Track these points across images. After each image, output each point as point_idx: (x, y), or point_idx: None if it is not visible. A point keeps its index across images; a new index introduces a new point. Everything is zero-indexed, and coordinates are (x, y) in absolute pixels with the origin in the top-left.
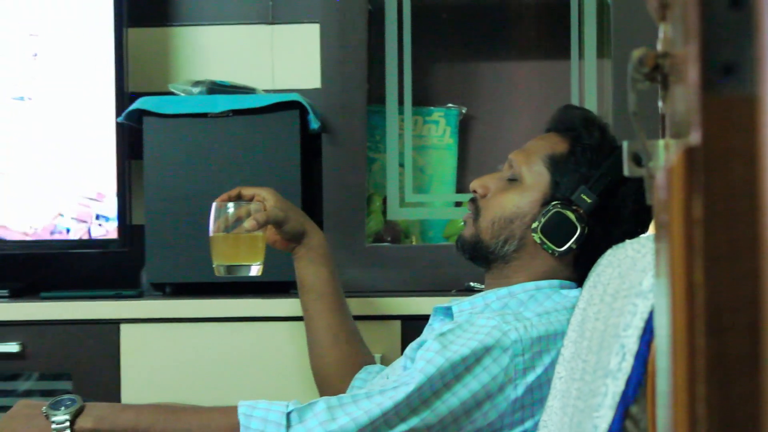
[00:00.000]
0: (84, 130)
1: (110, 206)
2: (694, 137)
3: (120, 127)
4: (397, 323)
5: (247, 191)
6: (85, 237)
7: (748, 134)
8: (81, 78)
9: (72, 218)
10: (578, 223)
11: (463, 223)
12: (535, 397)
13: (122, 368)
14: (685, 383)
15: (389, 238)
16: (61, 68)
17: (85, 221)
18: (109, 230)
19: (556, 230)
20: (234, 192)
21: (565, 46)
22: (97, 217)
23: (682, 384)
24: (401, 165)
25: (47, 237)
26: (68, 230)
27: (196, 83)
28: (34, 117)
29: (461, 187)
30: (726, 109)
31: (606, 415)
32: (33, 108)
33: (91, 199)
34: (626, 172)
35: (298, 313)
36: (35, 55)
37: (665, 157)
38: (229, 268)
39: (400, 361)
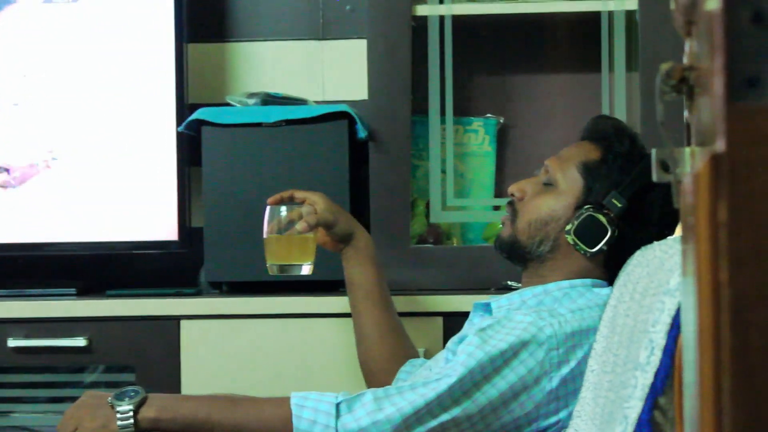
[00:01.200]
0: (147, 138)
1: (171, 210)
2: (719, 145)
3: (180, 136)
4: (440, 319)
5: (300, 194)
6: (148, 239)
7: None
8: (144, 90)
9: (136, 221)
10: (609, 226)
11: (501, 225)
12: (569, 389)
13: (182, 361)
14: (711, 375)
15: (432, 240)
16: (125, 81)
17: (148, 224)
18: (169, 232)
19: (589, 232)
20: (287, 193)
21: (595, 60)
22: (159, 220)
23: (707, 376)
24: (443, 171)
25: (112, 239)
26: (132, 232)
27: (252, 95)
28: (100, 126)
29: (499, 192)
30: (749, 119)
31: (635, 405)
32: (98, 118)
33: (153, 203)
34: (654, 178)
35: (347, 310)
36: (102, 68)
37: (691, 164)
38: (282, 268)
39: (442, 355)
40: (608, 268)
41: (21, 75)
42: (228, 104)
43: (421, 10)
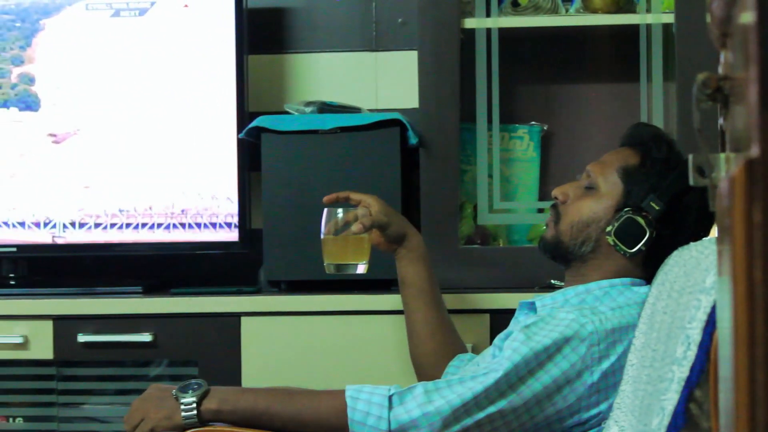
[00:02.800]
0: (209, 145)
1: (232, 212)
2: (754, 151)
3: (241, 143)
4: (487, 316)
5: (355, 197)
6: (210, 240)
7: None
8: (207, 99)
9: (198, 223)
10: (648, 228)
11: (545, 227)
12: (609, 383)
13: (242, 356)
14: (746, 370)
15: (479, 241)
16: (189, 91)
17: (210, 225)
18: (231, 234)
19: (628, 234)
20: (343, 194)
21: (634, 70)
22: (221, 222)
23: (742, 370)
24: (490, 176)
25: (177, 240)
26: (195, 234)
27: (309, 103)
28: (166, 133)
29: (543, 195)
30: None
31: (672, 398)
32: (164, 126)
33: (216, 206)
34: (691, 182)
35: (399, 307)
36: (168, 79)
37: (726, 169)
38: (338, 267)
39: (489, 350)
40: (646, 268)
41: (90, 85)
42: (286, 112)
43: (469, 23)
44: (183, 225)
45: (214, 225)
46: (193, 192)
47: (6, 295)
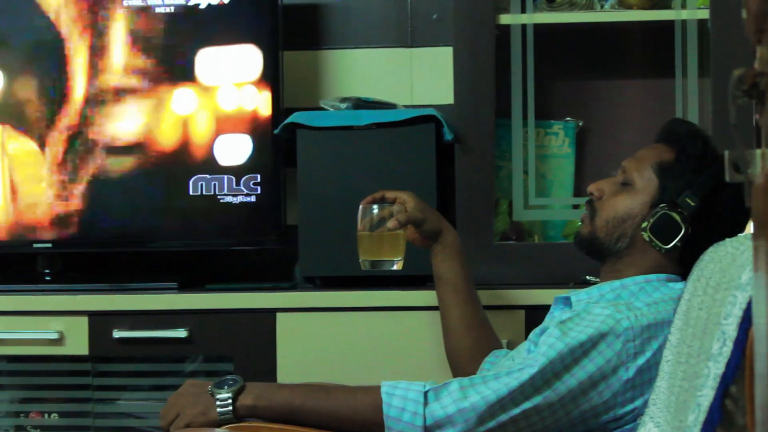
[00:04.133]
0: (245, 141)
1: (268, 209)
2: None
3: (276, 139)
4: (522, 312)
5: (390, 194)
6: (246, 236)
7: None
8: (243, 95)
9: (235, 219)
10: (683, 224)
11: (580, 223)
12: (645, 378)
13: (278, 351)
14: None
15: (514, 237)
16: (224, 86)
17: (246, 222)
18: (266, 230)
19: (664, 229)
20: (378, 194)
21: (669, 66)
22: (256, 218)
23: None
24: (525, 172)
25: (212, 236)
26: (230, 229)
27: (344, 99)
28: (202, 127)
29: (578, 191)
30: None
31: (708, 394)
32: (201, 119)
33: (251, 202)
34: (727, 178)
35: (434, 303)
36: (203, 74)
37: (762, 164)
38: (374, 263)
39: (524, 346)
40: (682, 264)
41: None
42: (321, 108)
43: (504, 19)
44: (219, 221)
45: (250, 221)
46: (230, 189)
47: (42, 291)
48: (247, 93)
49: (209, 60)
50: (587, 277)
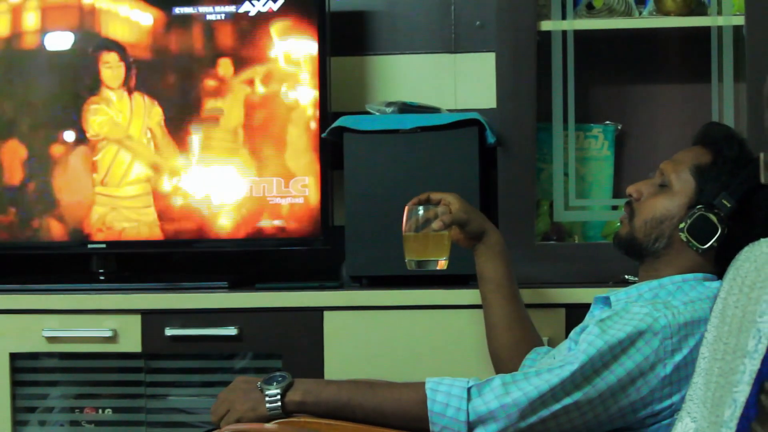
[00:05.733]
0: (294, 144)
1: (315, 210)
2: None
3: (324, 142)
4: (562, 310)
5: (435, 196)
6: (294, 236)
7: None
8: (292, 99)
9: (283, 220)
10: (719, 225)
11: (619, 224)
12: (682, 375)
13: (325, 349)
14: None
15: (555, 237)
16: (274, 91)
17: (294, 223)
18: (314, 230)
19: (700, 230)
20: (423, 196)
21: (705, 71)
22: (305, 219)
23: None
24: (565, 174)
25: (262, 236)
26: (280, 230)
27: (389, 104)
28: (255, 132)
29: (617, 193)
30: None
31: (744, 390)
32: (254, 125)
33: (300, 203)
34: (762, 179)
35: (477, 302)
36: (254, 78)
37: None
38: (419, 263)
39: (565, 344)
40: (718, 264)
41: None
42: (367, 112)
43: (545, 25)
44: (269, 221)
45: (298, 222)
46: (278, 190)
47: (96, 290)
48: (297, 97)
49: (262, 65)
50: (626, 276)
